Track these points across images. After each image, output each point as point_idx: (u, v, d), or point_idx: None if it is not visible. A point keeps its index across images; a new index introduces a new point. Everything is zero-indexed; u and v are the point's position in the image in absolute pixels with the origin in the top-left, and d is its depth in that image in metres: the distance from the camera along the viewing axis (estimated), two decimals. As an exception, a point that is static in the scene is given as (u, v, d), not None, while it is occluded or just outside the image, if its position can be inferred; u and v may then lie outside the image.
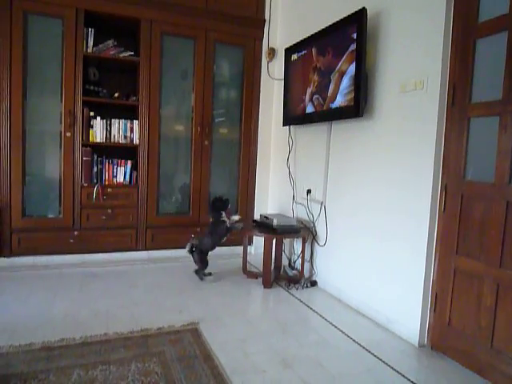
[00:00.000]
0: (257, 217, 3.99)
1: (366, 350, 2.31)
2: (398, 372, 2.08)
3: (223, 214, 3.37)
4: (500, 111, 1.97)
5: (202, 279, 3.33)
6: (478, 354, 2.06)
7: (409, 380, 2.02)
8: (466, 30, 2.16)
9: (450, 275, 2.24)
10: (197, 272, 3.35)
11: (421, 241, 2.36)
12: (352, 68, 2.74)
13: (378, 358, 2.22)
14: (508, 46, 1.94)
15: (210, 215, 3.46)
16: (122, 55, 3.63)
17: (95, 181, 3.61)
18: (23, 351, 2.06)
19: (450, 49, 2.24)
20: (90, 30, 3.48)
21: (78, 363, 1.97)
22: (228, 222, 3.36)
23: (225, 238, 3.42)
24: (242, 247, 3.62)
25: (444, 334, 2.28)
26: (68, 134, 3.47)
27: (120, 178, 3.69)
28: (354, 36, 2.71)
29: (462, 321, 2.18)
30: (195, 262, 3.34)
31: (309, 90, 3.30)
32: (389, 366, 2.14)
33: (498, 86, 1.99)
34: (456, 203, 2.21)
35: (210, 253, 3.38)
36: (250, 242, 4.15)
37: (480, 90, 2.12)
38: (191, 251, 3.32)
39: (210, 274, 3.36)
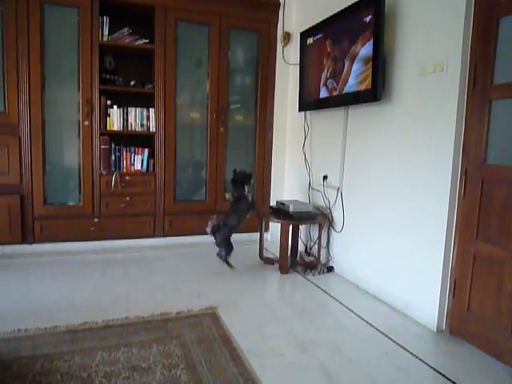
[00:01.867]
0: (273, 203, 3.99)
1: (384, 334, 2.32)
2: (416, 356, 2.09)
3: (246, 188, 3.22)
4: (523, 92, 1.92)
5: (231, 266, 3.17)
6: (498, 339, 2.04)
7: (427, 364, 2.02)
8: (489, 9, 2.09)
9: (470, 260, 2.22)
10: (220, 256, 3.14)
11: (440, 226, 2.33)
12: (369, 51, 2.70)
13: (395, 342, 2.23)
14: (532, 25, 1.88)
15: (232, 190, 3.29)
16: (137, 43, 3.64)
17: (113, 169, 3.66)
18: (48, 334, 2.13)
19: (471, 29, 2.18)
20: (105, 18, 3.50)
21: (101, 345, 2.04)
22: (251, 196, 3.17)
23: (248, 215, 3.26)
24: (259, 233, 3.64)
25: (463, 320, 2.26)
26: (86, 123, 3.52)
27: (137, 166, 3.74)
28: (372, 18, 2.65)
29: (481, 306, 2.16)
30: (218, 244, 3.12)
31: (325, 75, 3.26)
32: (407, 350, 2.15)
33: (521, 66, 1.94)
34: (476, 187, 2.17)
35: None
36: (267, 229, 4.17)
37: (502, 71, 2.06)
38: (213, 232, 3.08)
39: (232, 266, 3.20)
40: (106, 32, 3.52)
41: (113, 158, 3.65)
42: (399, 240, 2.66)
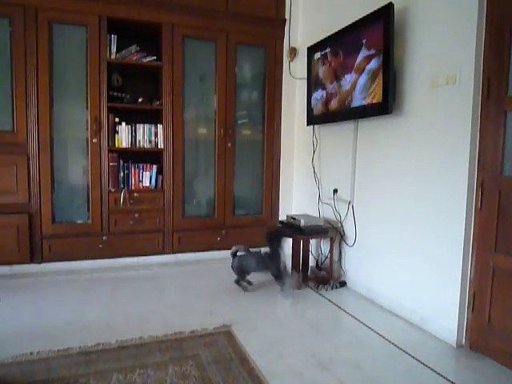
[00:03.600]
0: (282, 218, 3.97)
1: (403, 350, 2.27)
2: (437, 373, 2.04)
3: (282, 247, 3.12)
4: (539, 103, 1.91)
5: (245, 290, 3.11)
6: (522, 354, 2.00)
7: (449, 381, 1.97)
8: (501, 20, 2.10)
9: (489, 273, 2.18)
10: (237, 283, 3.13)
11: (457, 239, 2.30)
12: (379, 64, 2.70)
13: (415, 358, 2.18)
14: (547, 36, 1.88)
15: (270, 245, 3.13)
16: (144, 60, 3.66)
17: (122, 186, 3.65)
18: (61, 356, 2.09)
19: (483, 40, 2.18)
20: (112, 36, 3.52)
21: (116, 367, 1.99)
22: (283, 264, 3.10)
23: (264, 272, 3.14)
24: (269, 248, 3.60)
25: (483, 334, 2.21)
26: (94, 141, 3.52)
27: (146, 183, 3.72)
28: (381, 32, 2.66)
29: (502, 320, 2.11)
30: (233, 267, 3.10)
31: (334, 89, 3.26)
32: (427, 366, 2.10)
33: (536, 77, 1.93)
34: (493, 200, 2.14)
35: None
36: (276, 243, 4.12)
37: (517, 82, 2.06)
38: (234, 254, 3.10)
39: (250, 283, 3.16)
40: (113, 50, 3.55)
41: (121, 174, 3.64)
42: (414, 253, 2.62)
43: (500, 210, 2.12)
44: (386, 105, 2.66)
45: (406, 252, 2.69)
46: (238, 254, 3.11)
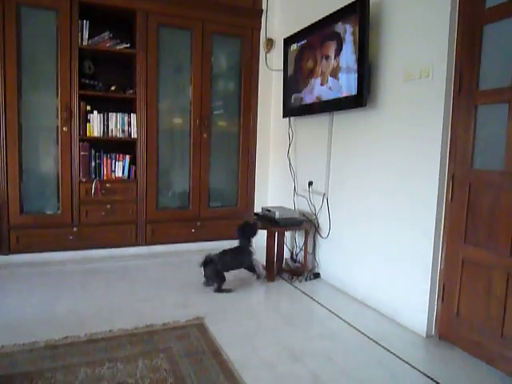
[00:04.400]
0: (257, 210, 3.95)
1: (374, 341, 2.29)
2: (407, 363, 2.07)
3: (252, 241, 3.08)
4: (509, 98, 1.94)
5: (229, 291, 2.97)
6: (488, 343, 2.05)
7: (419, 371, 2.00)
8: (473, 16, 2.12)
9: (458, 265, 2.23)
10: (217, 290, 2.94)
11: (428, 231, 2.34)
12: (354, 57, 2.70)
13: (386, 349, 2.21)
14: (516, 32, 1.91)
15: (239, 240, 3.09)
16: (117, 47, 3.55)
17: (93, 176, 3.54)
18: (27, 350, 2.02)
19: (455, 36, 2.21)
20: (84, 22, 3.40)
21: (84, 361, 1.94)
22: (254, 256, 3.06)
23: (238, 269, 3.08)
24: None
25: (452, 325, 2.27)
26: (65, 129, 3.40)
27: (118, 173, 3.63)
28: (356, 24, 2.66)
29: (470, 311, 2.16)
30: (208, 277, 2.94)
31: (309, 81, 3.25)
32: (398, 357, 2.13)
33: (506, 72, 1.97)
34: (464, 192, 2.19)
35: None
36: (251, 236, 4.11)
37: (487, 76, 2.09)
38: (204, 264, 2.92)
39: (230, 290, 2.98)
40: (85, 36, 3.43)
41: (93, 164, 3.54)
42: (386, 246, 2.65)
43: (470, 203, 2.16)
44: (361, 97, 2.67)
45: (379, 244, 2.72)
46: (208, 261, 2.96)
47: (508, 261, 1.95)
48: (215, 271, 2.93)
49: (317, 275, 3.35)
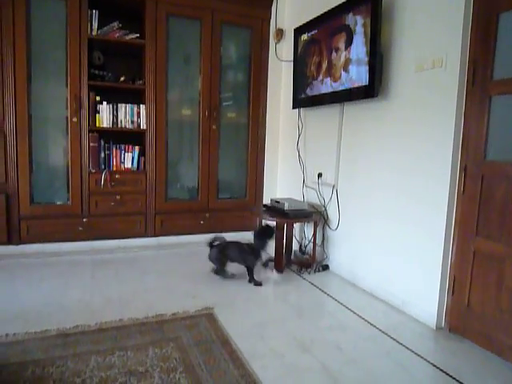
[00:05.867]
0: (266, 201, 3.94)
1: (384, 332, 2.29)
2: (417, 354, 2.07)
3: (266, 245, 3.01)
4: (525, 88, 1.91)
5: (228, 277, 3.05)
6: (499, 335, 2.03)
7: (429, 362, 2.00)
8: (488, 4, 2.08)
9: (469, 257, 2.20)
10: (216, 272, 3.05)
11: (439, 223, 2.31)
12: (366, 47, 2.66)
13: (396, 340, 2.20)
14: (534, 20, 1.87)
15: (255, 240, 3.04)
16: (127, 38, 3.54)
17: (103, 167, 3.56)
18: (39, 338, 2.04)
19: (470, 24, 2.16)
20: (94, 11, 3.39)
21: (94, 349, 1.96)
22: (259, 261, 3.04)
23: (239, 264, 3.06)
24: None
25: (463, 317, 2.25)
26: (74, 120, 3.41)
27: (128, 164, 3.64)
28: (368, 14, 2.62)
29: (481, 303, 2.14)
30: (211, 259, 3.02)
31: (320, 71, 3.22)
32: (407, 348, 2.12)
33: (522, 61, 1.93)
34: (476, 184, 2.16)
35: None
36: (260, 227, 4.11)
37: (502, 66, 2.05)
38: (211, 245, 3.01)
39: (233, 275, 3.06)
40: (94, 26, 3.42)
41: (102, 155, 3.55)
42: (397, 237, 2.63)
43: (482, 195, 2.13)
44: (372, 88, 2.64)
45: (389, 236, 2.70)
46: (215, 243, 3.02)
47: (521, 253, 1.93)
48: (216, 254, 3.00)
49: (325, 267, 3.34)
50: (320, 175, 3.43)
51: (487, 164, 2.11)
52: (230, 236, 3.98)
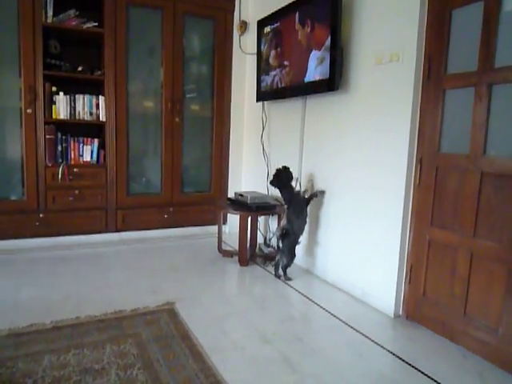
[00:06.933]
0: (231, 195, 3.92)
1: (344, 322, 2.33)
2: (375, 343, 2.11)
3: (292, 184, 2.90)
4: (475, 82, 1.97)
5: (289, 279, 2.91)
6: (452, 321, 2.11)
7: (386, 350, 2.05)
8: (442, 1, 2.13)
9: (425, 247, 2.28)
10: (283, 267, 2.87)
11: (396, 214, 2.37)
12: (326, 40, 2.68)
13: (355, 330, 2.25)
14: (484, 16, 1.93)
15: (282, 194, 2.90)
16: (84, 26, 3.40)
17: (60, 160, 3.42)
18: (-12, 339, 1.95)
19: (425, 20, 2.22)
20: (48, -3, 3.25)
21: (48, 348, 1.89)
22: (302, 190, 2.82)
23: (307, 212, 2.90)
24: (217, 226, 3.56)
25: (419, 304, 2.32)
26: (29, 111, 3.26)
27: (87, 157, 3.52)
28: (329, 7, 2.63)
29: (436, 291, 2.22)
30: (282, 252, 2.84)
31: (282, 64, 3.22)
32: (366, 337, 2.17)
33: (473, 56, 1.99)
34: (431, 175, 2.22)
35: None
36: (225, 221, 4.09)
37: (455, 61, 2.11)
38: (282, 236, 2.79)
39: (290, 278, 2.92)
40: (50, 13, 3.26)
41: (59, 148, 3.41)
42: (356, 228, 2.68)
43: (436, 186, 2.20)
44: (333, 81, 2.66)
45: (349, 227, 2.75)
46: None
47: (472, 241, 2.01)
48: (291, 245, 2.83)
49: (289, 259, 3.36)
50: (284, 168, 3.44)
51: (441, 156, 2.18)
52: (194, 230, 3.98)
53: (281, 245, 2.85)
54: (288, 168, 2.96)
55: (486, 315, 1.95)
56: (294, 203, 2.89)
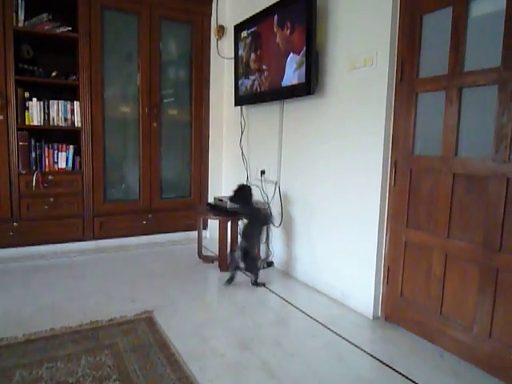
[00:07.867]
0: (211, 200, 3.90)
1: (323, 325, 2.33)
2: (354, 345, 2.12)
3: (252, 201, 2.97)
4: (446, 85, 2.01)
5: (263, 285, 2.91)
6: (429, 322, 2.14)
7: (365, 351, 2.06)
8: (413, 5, 2.17)
9: (401, 248, 2.30)
10: (256, 284, 2.88)
11: (373, 216, 2.39)
12: (302, 45, 2.70)
13: (334, 332, 2.25)
14: (453, 21, 1.97)
15: (242, 211, 3.01)
16: (58, 31, 3.34)
17: (34, 168, 3.34)
18: (-43, 354, 1.88)
19: (397, 24, 2.25)
20: (19, 0, 3.17)
21: (20, 363, 1.83)
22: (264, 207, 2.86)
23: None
24: (197, 232, 3.53)
25: (396, 305, 2.34)
26: (0, 118, 3.17)
27: (62, 164, 3.45)
28: (304, 12, 2.65)
29: (413, 291, 2.24)
30: (249, 269, 2.87)
31: (259, 69, 3.22)
32: (345, 339, 2.18)
33: (444, 60, 2.02)
34: (405, 178, 2.25)
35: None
36: (205, 226, 4.06)
37: (427, 65, 2.14)
38: (244, 258, 2.80)
39: (263, 284, 2.93)
40: (21, 17, 3.20)
41: (33, 155, 3.33)
42: (336, 231, 2.70)
43: (411, 188, 2.23)
44: (309, 85, 2.67)
45: (328, 230, 2.76)
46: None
47: (446, 242, 2.04)
48: (253, 262, 2.85)
49: (270, 264, 3.36)
50: (263, 172, 3.45)
51: (415, 158, 2.21)
52: (174, 237, 3.94)
53: (243, 265, 2.86)
54: (248, 186, 3.04)
55: (462, 314, 1.98)
56: (253, 220, 2.96)
